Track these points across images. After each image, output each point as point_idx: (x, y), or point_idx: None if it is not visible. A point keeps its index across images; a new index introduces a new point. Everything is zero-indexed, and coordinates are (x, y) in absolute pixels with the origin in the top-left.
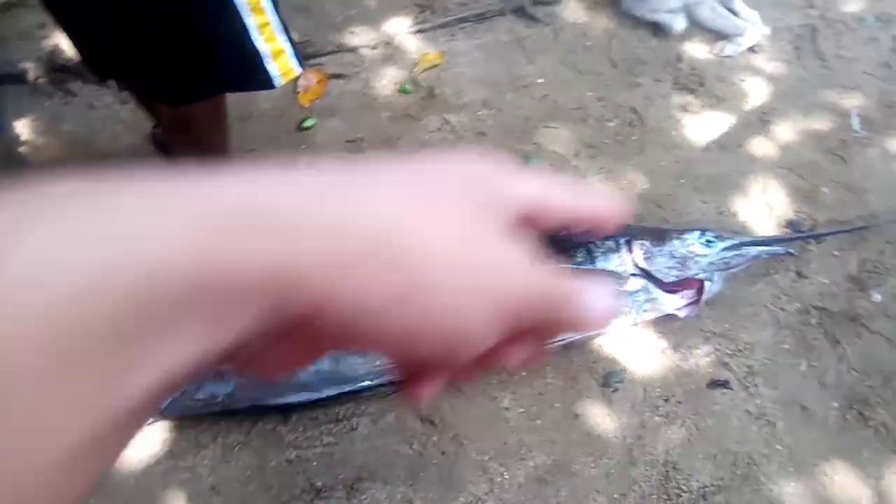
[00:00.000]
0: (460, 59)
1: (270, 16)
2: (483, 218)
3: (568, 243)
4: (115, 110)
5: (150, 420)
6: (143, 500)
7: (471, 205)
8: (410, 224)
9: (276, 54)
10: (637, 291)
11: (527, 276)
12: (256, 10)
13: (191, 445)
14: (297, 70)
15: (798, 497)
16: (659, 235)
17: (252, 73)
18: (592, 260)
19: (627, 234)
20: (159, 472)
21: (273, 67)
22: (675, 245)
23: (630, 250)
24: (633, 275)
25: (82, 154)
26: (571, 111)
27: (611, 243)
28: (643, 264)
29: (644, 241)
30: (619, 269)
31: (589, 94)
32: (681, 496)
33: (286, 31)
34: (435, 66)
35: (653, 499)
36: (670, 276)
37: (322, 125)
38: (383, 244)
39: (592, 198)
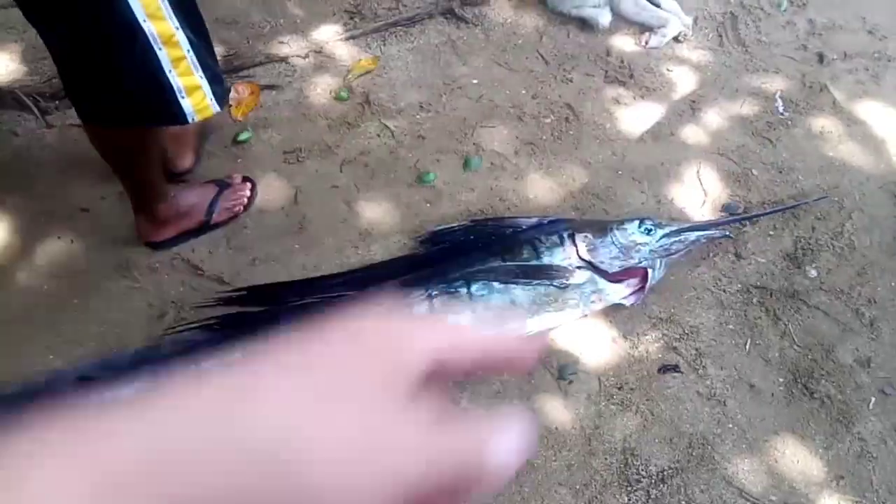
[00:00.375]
0: (394, 63)
1: (186, 50)
2: (383, 395)
3: (513, 241)
4: (38, 135)
5: None
6: None
7: (370, 385)
8: (301, 433)
9: (191, 90)
10: (583, 284)
11: (424, 448)
12: (169, 43)
13: None
14: (215, 108)
15: (752, 473)
16: (600, 227)
17: (163, 108)
18: (538, 256)
19: (570, 228)
20: None
21: (187, 103)
22: (617, 235)
23: (574, 243)
24: (579, 267)
25: (4, 183)
26: (508, 110)
27: (555, 238)
28: (587, 256)
29: (587, 234)
30: (565, 263)
31: (523, 91)
32: (640, 482)
33: (207, 66)
34: (368, 71)
35: (614, 486)
36: (615, 267)
37: (258, 137)
38: (273, 461)
39: (502, 340)
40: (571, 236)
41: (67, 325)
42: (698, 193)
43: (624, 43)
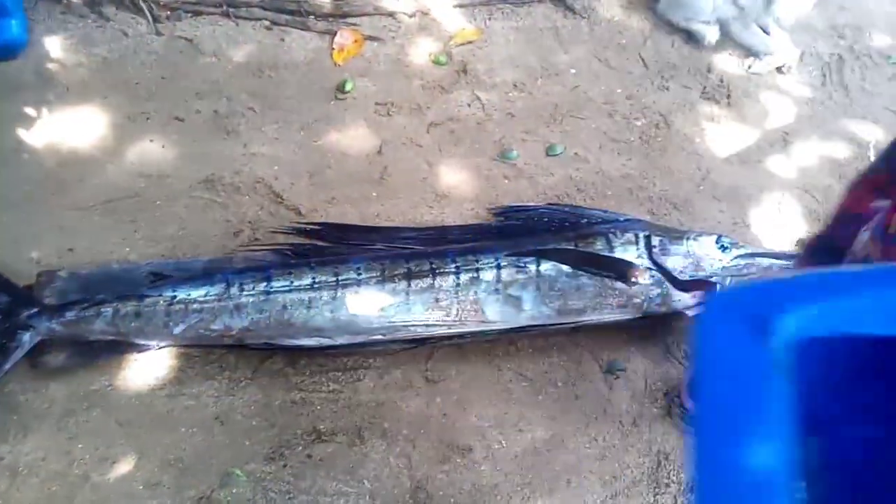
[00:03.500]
0: (496, 38)
1: None
2: None
3: (588, 231)
4: (147, 40)
5: (162, 344)
6: (146, 420)
7: None
8: None
9: None
10: (651, 285)
11: None
12: None
13: (198, 375)
14: None
15: None
16: (676, 235)
17: None
18: (611, 249)
19: (646, 229)
20: (164, 396)
21: None
22: (692, 246)
23: (649, 245)
24: (649, 269)
25: (109, 81)
26: (600, 105)
27: (630, 236)
28: (660, 260)
29: (662, 238)
30: (636, 261)
31: (619, 90)
32: (669, 486)
33: None
34: (470, 41)
35: (643, 485)
36: (685, 275)
37: (353, 84)
38: None
39: None
40: (647, 237)
41: (147, 224)
42: (776, 224)
43: (726, 63)
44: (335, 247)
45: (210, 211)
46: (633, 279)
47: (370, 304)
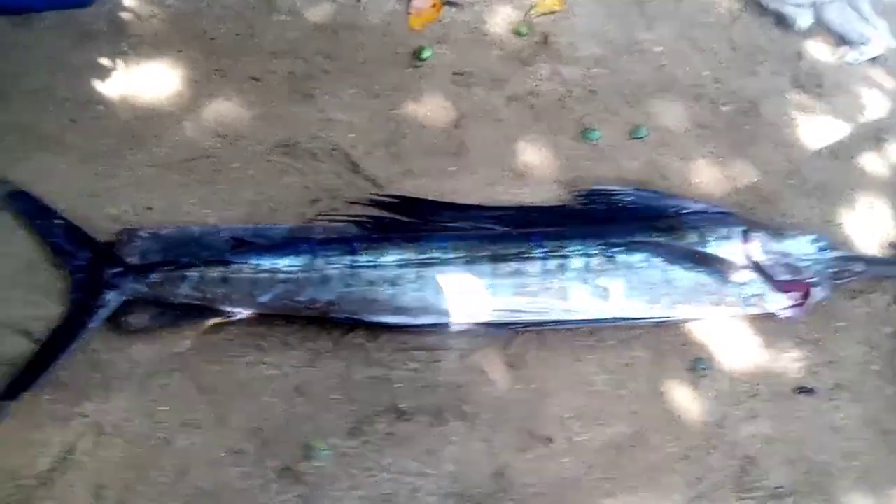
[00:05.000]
0: (579, 10)
1: None
2: None
3: (679, 222)
4: None
5: (247, 312)
6: (228, 387)
7: None
8: None
9: None
10: (745, 284)
11: None
12: None
13: (279, 344)
14: None
15: None
16: (774, 231)
17: None
18: (705, 244)
19: (743, 225)
20: (245, 363)
21: None
22: (789, 244)
23: (745, 241)
24: (745, 267)
25: (184, 34)
26: (686, 87)
27: (725, 230)
28: (757, 258)
29: (759, 234)
30: (732, 258)
31: (706, 73)
32: (753, 492)
33: None
34: (552, 12)
35: (727, 489)
36: (780, 275)
37: (432, 51)
38: None
39: None
40: (744, 233)
41: (224, 186)
42: (868, 224)
43: (818, 50)
44: (414, 222)
45: (287, 176)
46: (728, 277)
47: (455, 285)
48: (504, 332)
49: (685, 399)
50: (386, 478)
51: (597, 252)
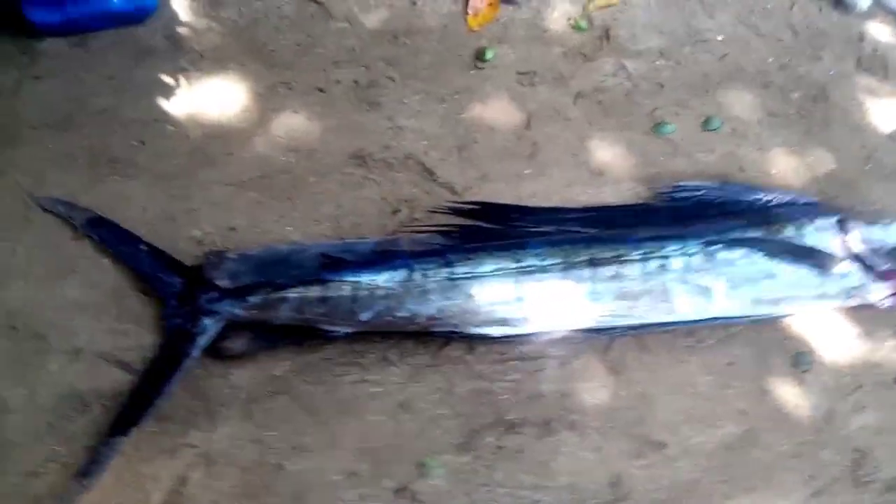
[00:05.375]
0: (636, 2)
1: None
2: None
3: (773, 215)
4: (277, 3)
5: (348, 331)
6: (333, 408)
7: None
8: None
9: None
10: (846, 276)
11: None
12: None
13: (379, 361)
14: None
15: None
16: (869, 219)
17: None
18: (802, 236)
19: (840, 215)
20: (347, 382)
21: None
22: (887, 232)
23: (842, 231)
24: (844, 258)
25: (243, 47)
26: (753, 76)
27: (821, 221)
28: (857, 249)
29: (856, 224)
30: (830, 250)
31: (770, 59)
32: (869, 485)
33: None
34: (611, 4)
35: (842, 484)
36: (879, 264)
37: (495, 51)
38: None
39: None
40: (840, 223)
41: (303, 202)
42: None
43: (880, 32)
44: (498, 228)
45: (364, 188)
46: (829, 269)
47: (555, 293)
48: (602, 337)
49: (791, 395)
50: (502, 493)
51: (696, 251)
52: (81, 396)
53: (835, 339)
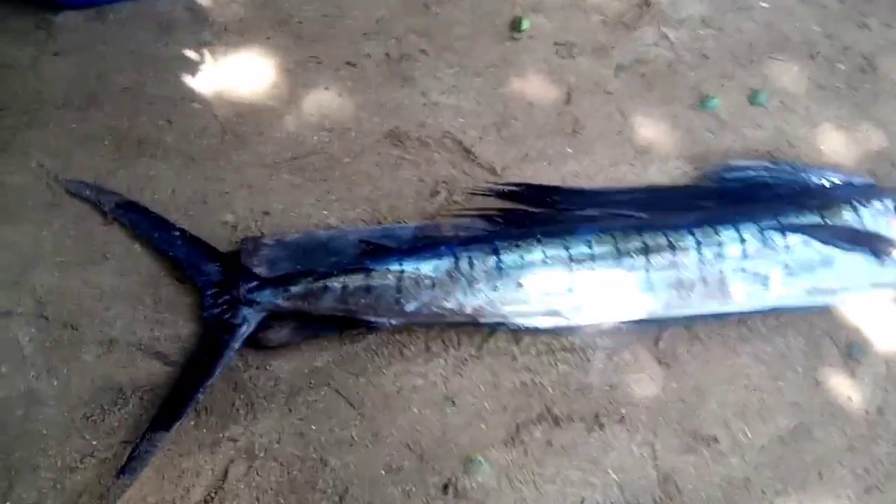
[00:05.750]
0: None
1: None
2: None
3: (828, 198)
4: None
5: (393, 322)
6: (377, 400)
7: None
8: None
9: None
10: None
11: None
12: None
13: (422, 352)
14: None
15: None
16: None
17: None
18: (860, 220)
19: (892, 196)
20: (391, 374)
21: None
22: None
23: None
24: None
25: (268, 18)
26: (799, 45)
27: (879, 204)
28: None
29: None
30: (888, 235)
31: (816, 28)
32: None
33: None
34: None
35: None
36: None
37: (531, 21)
38: None
39: None
40: None
41: (339, 183)
42: None
43: None
44: (543, 212)
45: (401, 169)
46: (889, 255)
47: (609, 282)
48: (651, 327)
49: (844, 386)
50: (551, 490)
51: (752, 237)
52: (118, 388)
53: (888, 328)
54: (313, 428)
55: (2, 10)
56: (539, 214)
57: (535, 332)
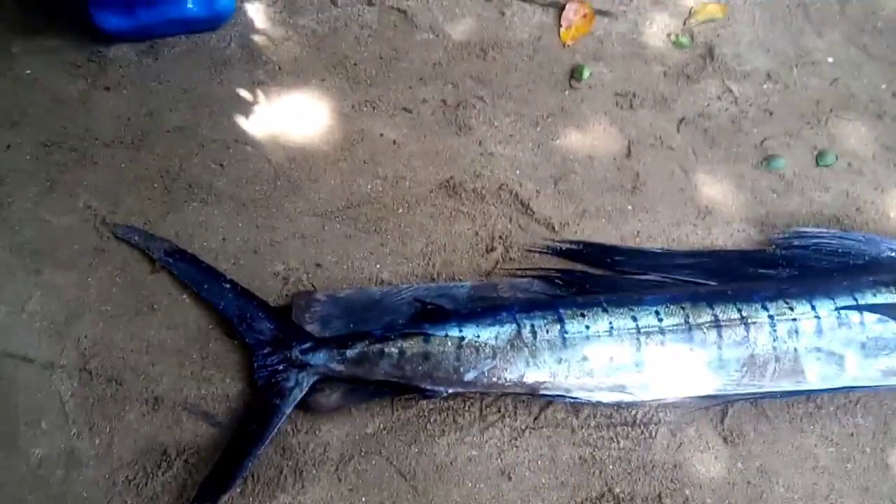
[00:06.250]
0: (740, 16)
1: None
2: None
3: None
4: (358, 11)
5: (450, 391)
6: (430, 472)
7: None
8: None
9: None
10: None
11: None
12: None
13: (476, 420)
14: None
15: None
16: None
17: None
18: None
19: None
20: (444, 444)
21: None
22: None
23: None
24: None
25: (323, 59)
26: (866, 103)
27: None
28: None
29: None
30: None
31: (883, 86)
32: None
33: None
34: (713, 19)
35: None
36: None
37: (591, 70)
38: None
39: None
40: None
41: (392, 235)
42: None
43: None
44: (604, 274)
45: (456, 222)
46: None
47: (678, 358)
48: (717, 402)
49: None
50: None
51: (827, 314)
52: (162, 450)
53: None
54: (363, 500)
55: (53, 40)
56: (599, 277)
57: (596, 404)
